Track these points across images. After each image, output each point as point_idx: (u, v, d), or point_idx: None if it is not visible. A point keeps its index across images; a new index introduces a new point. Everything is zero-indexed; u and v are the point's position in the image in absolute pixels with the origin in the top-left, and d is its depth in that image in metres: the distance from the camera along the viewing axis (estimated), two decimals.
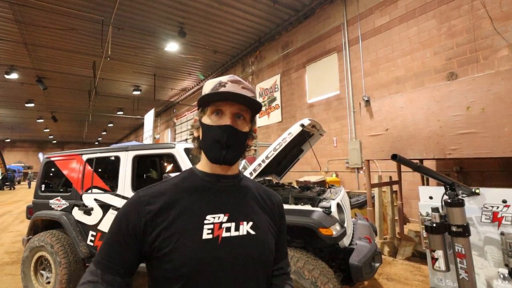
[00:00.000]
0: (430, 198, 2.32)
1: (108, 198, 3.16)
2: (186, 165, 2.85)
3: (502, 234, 2.01)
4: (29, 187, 24.67)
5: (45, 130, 28.73)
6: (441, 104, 3.47)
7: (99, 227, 3.13)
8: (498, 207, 2.04)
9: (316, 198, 2.73)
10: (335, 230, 2.30)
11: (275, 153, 2.65)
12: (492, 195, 2.08)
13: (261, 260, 0.80)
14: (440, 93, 3.48)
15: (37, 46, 9.95)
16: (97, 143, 40.37)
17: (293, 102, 8.82)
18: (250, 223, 0.80)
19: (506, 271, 1.96)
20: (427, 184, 4.89)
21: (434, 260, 1.64)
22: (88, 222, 3.21)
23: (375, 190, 4.79)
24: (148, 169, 3.96)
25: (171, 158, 3.05)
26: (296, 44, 8.77)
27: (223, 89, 0.78)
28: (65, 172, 3.61)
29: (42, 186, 3.77)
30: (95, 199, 3.23)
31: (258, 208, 0.86)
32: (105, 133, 31.66)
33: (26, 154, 38.18)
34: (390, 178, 4.91)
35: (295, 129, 2.68)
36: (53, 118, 19.69)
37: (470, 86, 3.22)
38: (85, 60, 11.22)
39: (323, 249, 2.62)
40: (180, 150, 2.95)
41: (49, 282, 3.23)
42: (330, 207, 2.47)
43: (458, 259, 1.57)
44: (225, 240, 0.75)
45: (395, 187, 5.06)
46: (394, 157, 1.50)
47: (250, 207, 0.84)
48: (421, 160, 4.50)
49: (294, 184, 6.58)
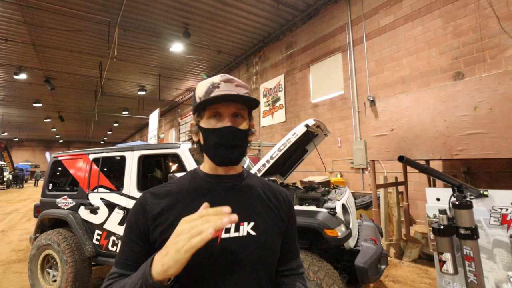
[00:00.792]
0: (438, 199, 2.29)
1: (114, 197, 3.19)
2: (191, 165, 2.86)
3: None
4: (35, 185, 25.04)
5: (52, 130, 29.09)
6: (447, 104, 3.43)
7: (105, 226, 3.16)
8: (507, 209, 2.00)
9: (321, 198, 2.72)
10: (340, 231, 2.29)
11: (280, 153, 2.65)
12: (501, 197, 2.04)
13: (261, 261, 0.78)
14: (446, 93, 3.45)
15: (45, 47, 10.08)
16: (102, 143, 40.75)
17: (297, 102, 8.80)
18: (251, 224, 0.79)
19: None
20: (434, 185, 4.84)
21: (442, 263, 1.62)
22: (94, 221, 3.24)
23: (381, 191, 4.75)
24: (153, 168, 3.98)
25: (176, 158, 3.06)
26: (300, 44, 8.75)
27: (217, 90, 0.77)
28: (72, 171, 3.65)
29: (50, 185, 3.82)
30: (101, 198, 3.26)
31: (261, 207, 0.84)
32: (110, 132, 31.93)
33: (34, 153, 38.68)
34: (396, 178, 4.87)
35: (300, 129, 2.67)
36: (60, 118, 19.92)
37: (477, 86, 3.18)
38: (91, 60, 11.34)
39: (328, 250, 2.61)
40: (185, 150, 2.96)
41: (55, 280, 3.27)
42: (335, 208, 2.45)
43: (467, 262, 1.55)
44: (224, 241, 0.75)
45: (401, 188, 5.01)
46: (401, 158, 1.48)
47: (252, 207, 0.83)
48: (427, 160, 4.46)
49: (299, 184, 6.57)
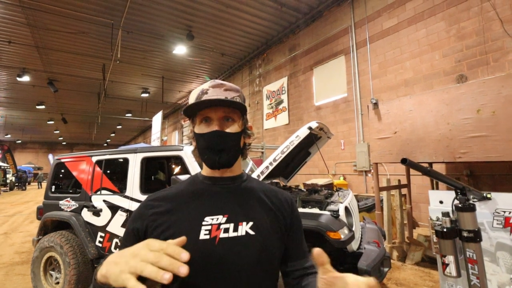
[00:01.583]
0: (441, 202, 2.29)
1: (116, 200, 3.20)
2: (194, 167, 2.87)
3: None
4: (38, 187, 25.18)
5: (55, 132, 29.23)
6: (450, 107, 3.42)
7: (108, 228, 3.17)
8: (510, 212, 1.99)
9: (323, 201, 2.72)
10: (343, 233, 2.29)
11: (283, 156, 2.66)
12: (504, 200, 2.04)
13: (261, 262, 0.78)
14: (449, 95, 3.44)
15: (48, 49, 10.17)
16: (105, 145, 40.89)
17: (300, 104, 8.81)
18: (250, 224, 0.80)
19: None
20: (437, 188, 4.82)
21: (445, 265, 1.61)
22: (97, 223, 3.25)
23: (384, 194, 4.74)
24: (156, 171, 3.99)
25: (179, 160, 3.08)
26: (303, 46, 8.77)
27: (206, 96, 0.80)
28: (75, 173, 3.67)
29: (52, 187, 3.84)
30: (104, 201, 3.27)
31: (261, 208, 0.85)
32: (113, 135, 32.06)
33: (37, 155, 38.87)
34: (399, 181, 4.85)
35: (303, 132, 2.68)
36: (63, 120, 20.03)
37: (480, 88, 3.18)
38: (95, 63, 11.41)
39: (331, 253, 2.60)
40: (188, 152, 2.97)
41: (58, 283, 3.27)
42: (338, 211, 2.45)
43: (470, 265, 1.54)
44: (222, 240, 0.76)
45: (404, 191, 5.00)
46: (404, 161, 1.49)
47: (251, 208, 0.83)
48: (430, 163, 4.45)
49: (302, 187, 6.56)
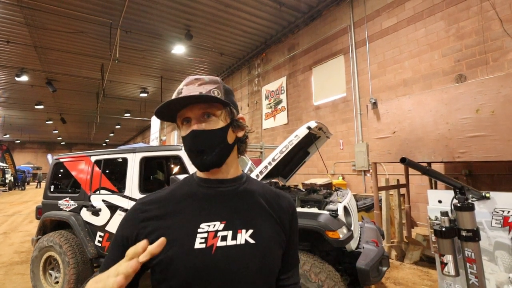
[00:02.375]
0: (439, 202, 2.29)
1: (115, 199, 3.20)
2: (193, 167, 2.86)
3: None
4: (37, 187, 25.17)
5: (54, 132, 29.19)
6: (449, 106, 3.43)
7: (107, 228, 3.17)
8: (509, 212, 2.00)
9: (322, 201, 2.72)
10: (342, 233, 2.29)
11: (282, 155, 2.65)
12: (502, 199, 2.04)
13: (261, 271, 0.73)
14: (448, 95, 3.45)
15: (47, 49, 10.14)
16: (104, 145, 40.83)
17: (299, 104, 8.81)
18: (250, 231, 0.74)
19: None
20: (435, 187, 4.83)
21: (444, 264, 1.62)
22: (96, 223, 3.25)
23: (382, 193, 4.75)
24: (155, 170, 3.99)
25: (178, 160, 3.07)
26: (302, 46, 8.77)
27: (180, 96, 0.73)
28: (73, 173, 3.66)
29: (51, 187, 3.83)
30: (103, 200, 3.27)
31: (261, 214, 0.79)
32: (112, 134, 32.01)
33: (36, 155, 38.80)
34: (398, 181, 4.87)
35: (302, 131, 2.68)
36: (62, 120, 19.99)
37: (479, 88, 3.19)
38: (93, 62, 11.38)
39: (330, 252, 2.61)
40: None
41: (57, 282, 3.27)
42: (336, 210, 2.45)
43: (468, 264, 1.54)
44: (220, 249, 0.70)
45: (403, 190, 5.01)
46: (403, 160, 1.49)
47: (251, 214, 0.77)
48: (429, 163, 4.46)
49: (300, 186, 6.56)
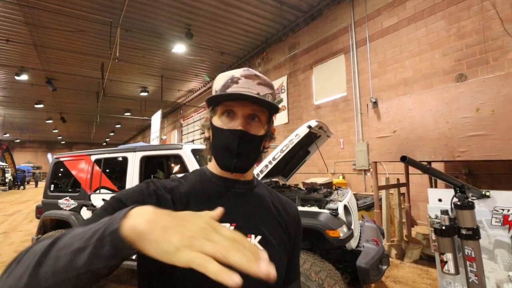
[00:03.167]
0: (439, 200, 2.29)
1: None
2: (193, 166, 2.87)
3: None
4: (35, 186, 25.25)
5: (54, 131, 29.17)
6: (450, 105, 3.43)
7: None
8: (509, 210, 2.00)
9: (323, 200, 2.72)
10: (342, 232, 2.30)
11: (282, 154, 2.66)
12: (502, 198, 2.04)
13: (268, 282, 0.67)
14: (449, 94, 3.45)
15: (46, 47, 10.13)
16: (104, 144, 40.83)
17: (299, 103, 8.81)
18: (259, 237, 0.71)
19: None
20: (435, 186, 4.84)
21: (443, 263, 1.62)
22: None
23: (383, 192, 4.75)
24: (155, 169, 3.99)
25: (178, 159, 3.08)
26: (303, 45, 8.76)
27: (235, 86, 0.69)
28: (74, 172, 3.66)
29: (51, 186, 3.83)
30: (103, 199, 3.27)
31: (271, 220, 0.77)
32: (112, 134, 32.00)
33: (36, 154, 38.79)
34: (398, 180, 4.87)
35: (302, 130, 2.68)
36: (62, 119, 19.97)
37: (479, 87, 3.18)
38: (93, 61, 11.37)
39: (330, 251, 2.62)
40: (187, 151, 2.97)
41: None
42: (337, 209, 2.46)
43: (468, 262, 1.55)
44: None
45: (403, 190, 5.01)
46: (404, 159, 1.49)
47: (261, 219, 0.75)
48: (429, 162, 4.45)
49: (301, 185, 6.57)
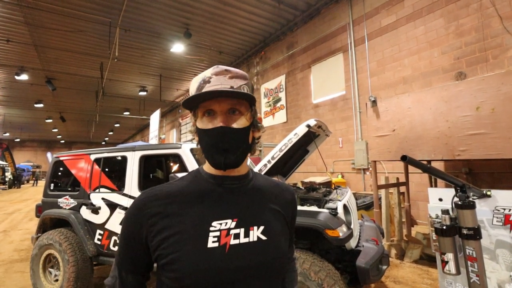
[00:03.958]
0: (440, 200, 2.29)
1: (115, 197, 3.19)
2: (192, 165, 2.86)
3: None
4: (34, 185, 25.30)
5: (53, 130, 29.14)
6: (449, 104, 3.42)
7: (107, 226, 3.16)
8: (510, 210, 1.99)
9: (322, 199, 2.71)
10: (342, 231, 2.28)
11: (281, 153, 2.65)
12: (504, 197, 2.04)
13: (275, 267, 0.73)
14: (448, 93, 3.44)
15: (46, 47, 10.10)
16: (103, 143, 40.79)
17: (298, 102, 8.79)
18: (261, 228, 0.74)
19: None
20: (435, 185, 4.83)
21: (444, 263, 1.61)
22: (95, 221, 3.24)
23: (382, 192, 4.74)
24: (154, 169, 3.98)
25: (177, 158, 3.06)
26: (301, 44, 8.74)
27: (208, 85, 0.70)
28: (73, 171, 3.65)
29: (51, 185, 3.82)
30: (103, 198, 3.26)
31: (270, 210, 0.80)
32: (111, 133, 31.98)
33: (35, 153, 38.76)
34: (397, 179, 4.86)
35: (301, 129, 2.67)
36: (61, 119, 19.97)
37: (479, 86, 3.17)
38: (93, 61, 11.36)
39: (330, 250, 2.61)
40: (186, 150, 2.96)
41: (57, 280, 3.27)
42: (336, 208, 2.45)
43: (469, 262, 1.54)
44: (233, 248, 0.69)
45: (402, 189, 5.00)
46: (404, 158, 1.48)
47: (261, 210, 0.78)
48: (429, 161, 4.44)
49: (300, 185, 6.56)
